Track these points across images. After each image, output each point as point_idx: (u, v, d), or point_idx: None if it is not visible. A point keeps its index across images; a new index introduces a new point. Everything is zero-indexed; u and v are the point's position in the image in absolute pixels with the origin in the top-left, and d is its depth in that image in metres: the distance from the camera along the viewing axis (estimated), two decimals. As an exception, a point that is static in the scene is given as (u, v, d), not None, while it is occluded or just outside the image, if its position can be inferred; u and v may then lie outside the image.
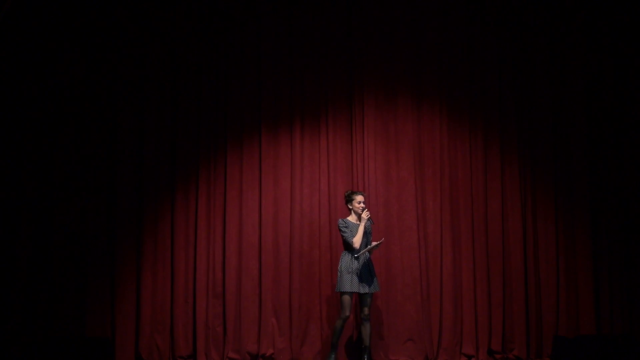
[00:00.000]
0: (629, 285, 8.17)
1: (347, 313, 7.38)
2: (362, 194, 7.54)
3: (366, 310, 7.44)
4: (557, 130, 8.39)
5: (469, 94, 8.42)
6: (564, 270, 8.23)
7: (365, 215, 7.36)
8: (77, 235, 7.94)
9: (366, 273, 7.37)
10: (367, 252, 7.42)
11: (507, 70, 8.43)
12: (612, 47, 8.44)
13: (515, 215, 8.28)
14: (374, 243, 7.45)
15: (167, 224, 8.09)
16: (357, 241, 7.33)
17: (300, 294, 8.09)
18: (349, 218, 7.54)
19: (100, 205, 8.00)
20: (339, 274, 7.37)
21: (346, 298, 7.34)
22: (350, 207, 7.53)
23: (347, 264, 7.35)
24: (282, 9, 8.36)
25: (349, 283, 7.29)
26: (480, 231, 8.26)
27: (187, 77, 8.23)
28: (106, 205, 8.02)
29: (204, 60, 8.27)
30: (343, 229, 7.41)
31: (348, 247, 7.41)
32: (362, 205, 7.44)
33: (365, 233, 7.43)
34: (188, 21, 8.28)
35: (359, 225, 7.40)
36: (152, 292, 8.00)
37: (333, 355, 7.49)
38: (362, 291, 7.33)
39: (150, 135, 8.14)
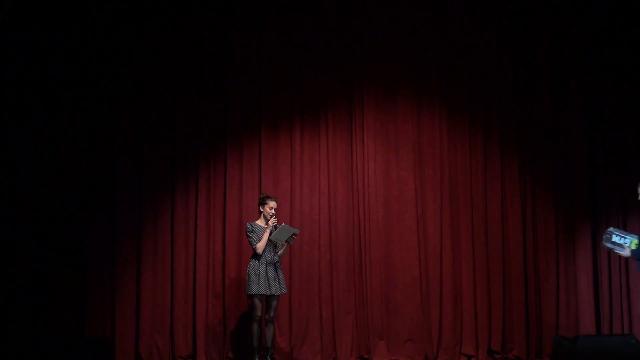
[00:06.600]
0: (629, 285, 8.16)
1: (259, 314, 7.41)
2: (275, 201, 7.50)
3: (271, 313, 7.46)
4: (557, 131, 8.40)
5: (469, 94, 8.42)
6: (564, 270, 8.24)
7: (271, 222, 7.37)
8: (77, 235, 7.94)
9: (272, 275, 7.37)
10: (284, 245, 7.45)
11: (507, 70, 8.43)
12: (612, 47, 8.44)
13: (515, 215, 8.28)
14: (283, 245, 7.44)
15: (167, 224, 8.08)
16: (260, 247, 7.35)
17: (300, 294, 8.09)
18: (258, 222, 7.52)
19: (100, 205, 7.99)
20: (246, 277, 7.41)
21: (255, 300, 7.38)
22: (262, 210, 7.49)
23: (253, 267, 7.37)
24: (282, 9, 8.36)
25: (256, 285, 7.32)
26: (480, 231, 8.26)
27: (187, 77, 8.23)
28: (106, 205, 8.01)
29: (204, 60, 8.27)
30: (249, 233, 7.42)
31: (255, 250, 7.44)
32: (272, 211, 7.42)
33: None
34: (188, 21, 8.27)
35: (265, 229, 7.41)
36: (152, 292, 7.99)
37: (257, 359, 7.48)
38: (267, 293, 7.35)
39: (150, 135, 8.13)
